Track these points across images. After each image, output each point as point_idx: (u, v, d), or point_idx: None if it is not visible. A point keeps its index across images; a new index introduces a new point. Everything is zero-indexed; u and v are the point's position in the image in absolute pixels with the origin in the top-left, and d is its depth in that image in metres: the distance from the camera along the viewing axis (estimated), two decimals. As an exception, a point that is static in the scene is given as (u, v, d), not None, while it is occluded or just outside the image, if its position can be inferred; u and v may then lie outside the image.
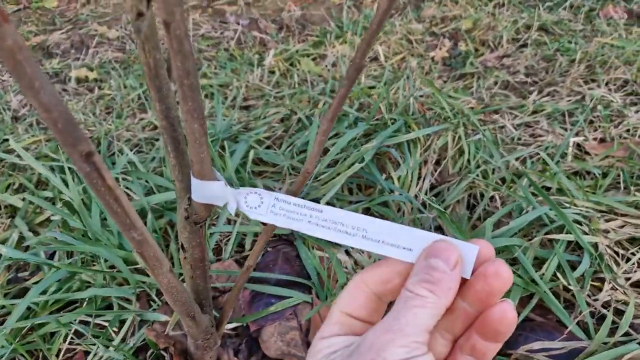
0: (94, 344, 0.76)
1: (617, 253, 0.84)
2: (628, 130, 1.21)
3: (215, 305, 0.81)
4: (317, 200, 0.95)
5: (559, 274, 0.78)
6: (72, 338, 0.79)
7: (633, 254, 0.84)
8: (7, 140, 1.40)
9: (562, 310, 0.74)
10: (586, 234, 0.83)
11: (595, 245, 0.82)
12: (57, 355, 0.77)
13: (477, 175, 1.00)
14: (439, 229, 0.95)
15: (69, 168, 1.06)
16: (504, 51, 1.67)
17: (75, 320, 0.78)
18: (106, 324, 0.78)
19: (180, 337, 0.73)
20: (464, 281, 0.35)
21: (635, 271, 0.81)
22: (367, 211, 0.98)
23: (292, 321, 0.76)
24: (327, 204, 0.96)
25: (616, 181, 1.03)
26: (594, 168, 1.04)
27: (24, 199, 1.10)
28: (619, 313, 0.76)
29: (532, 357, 0.70)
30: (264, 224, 0.49)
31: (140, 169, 1.04)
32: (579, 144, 1.16)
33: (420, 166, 1.03)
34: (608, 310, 0.73)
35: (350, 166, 0.95)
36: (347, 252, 0.88)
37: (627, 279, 0.80)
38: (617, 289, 0.77)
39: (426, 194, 1.01)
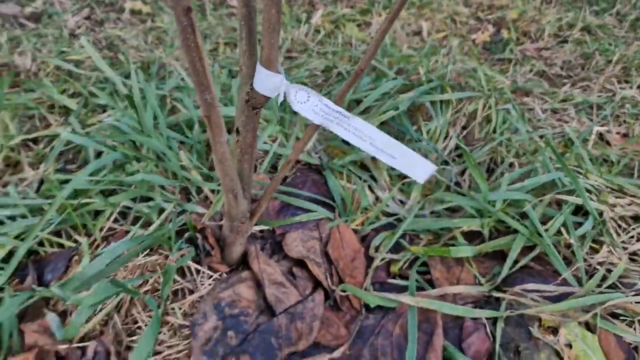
0: (135, 225, 0.85)
1: (619, 226, 0.90)
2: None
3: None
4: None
5: (563, 231, 0.84)
6: (115, 219, 0.88)
7: (634, 229, 0.90)
8: (63, 52, 1.49)
9: (560, 261, 0.81)
10: (594, 201, 0.89)
11: (601, 213, 0.88)
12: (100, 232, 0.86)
13: (501, 143, 1.07)
14: (457, 184, 1.02)
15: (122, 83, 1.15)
16: (544, 44, 1.72)
17: (120, 203, 0.87)
18: (148, 210, 0.86)
19: (214, 227, 0.81)
20: None
21: (633, 244, 0.88)
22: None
23: (314, 232, 0.84)
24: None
25: (630, 172, 1.08)
26: (613, 155, 1.10)
27: (78, 102, 1.19)
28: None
29: (525, 295, 0.78)
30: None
31: (189, 85, 1.12)
32: (602, 133, 1.22)
33: (449, 126, 1.10)
34: (601, 266, 0.80)
35: (384, 113, 1.02)
36: (370, 188, 0.96)
37: (625, 249, 0.87)
38: (613, 253, 0.84)
39: (450, 152, 1.08)
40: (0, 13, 1.82)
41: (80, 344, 0.70)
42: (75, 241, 0.86)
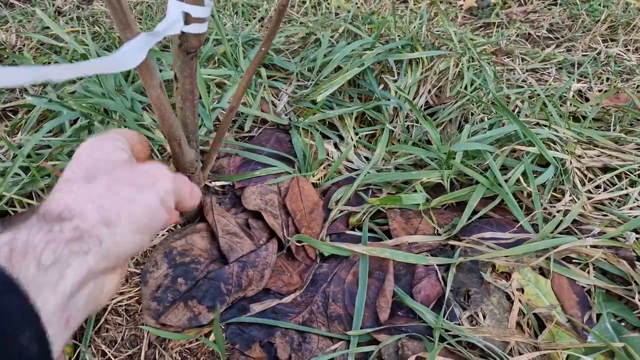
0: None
1: (585, 176, 0.89)
2: (638, 87, 1.23)
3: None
4: (314, 101, 1.02)
5: (522, 181, 0.83)
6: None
7: (601, 179, 0.88)
8: (47, 27, 1.51)
9: (517, 209, 0.80)
10: (557, 152, 0.88)
11: (564, 163, 0.87)
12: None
13: (471, 100, 1.06)
14: (428, 142, 1.01)
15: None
16: (533, 7, 1.68)
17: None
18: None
19: (172, 181, 0.82)
20: None
21: (599, 193, 0.86)
22: (362, 116, 1.05)
23: (273, 186, 0.84)
24: (325, 103, 1.03)
25: (607, 127, 1.07)
26: (587, 110, 1.08)
27: (56, 73, 1.20)
28: (573, 222, 0.81)
29: (482, 243, 0.77)
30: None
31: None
32: (581, 90, 1.19)
33: (420, 84, 1.09)
34: (559, 212, 0.79)
35: (348, 71, 1.02)
36: (336, 145, 0.96)
37: (589, 198, 0.86)
38: (575, 201, 0.83)
39: (421, 109, 1.07)
40: (-10, -6, 1.85)
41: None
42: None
